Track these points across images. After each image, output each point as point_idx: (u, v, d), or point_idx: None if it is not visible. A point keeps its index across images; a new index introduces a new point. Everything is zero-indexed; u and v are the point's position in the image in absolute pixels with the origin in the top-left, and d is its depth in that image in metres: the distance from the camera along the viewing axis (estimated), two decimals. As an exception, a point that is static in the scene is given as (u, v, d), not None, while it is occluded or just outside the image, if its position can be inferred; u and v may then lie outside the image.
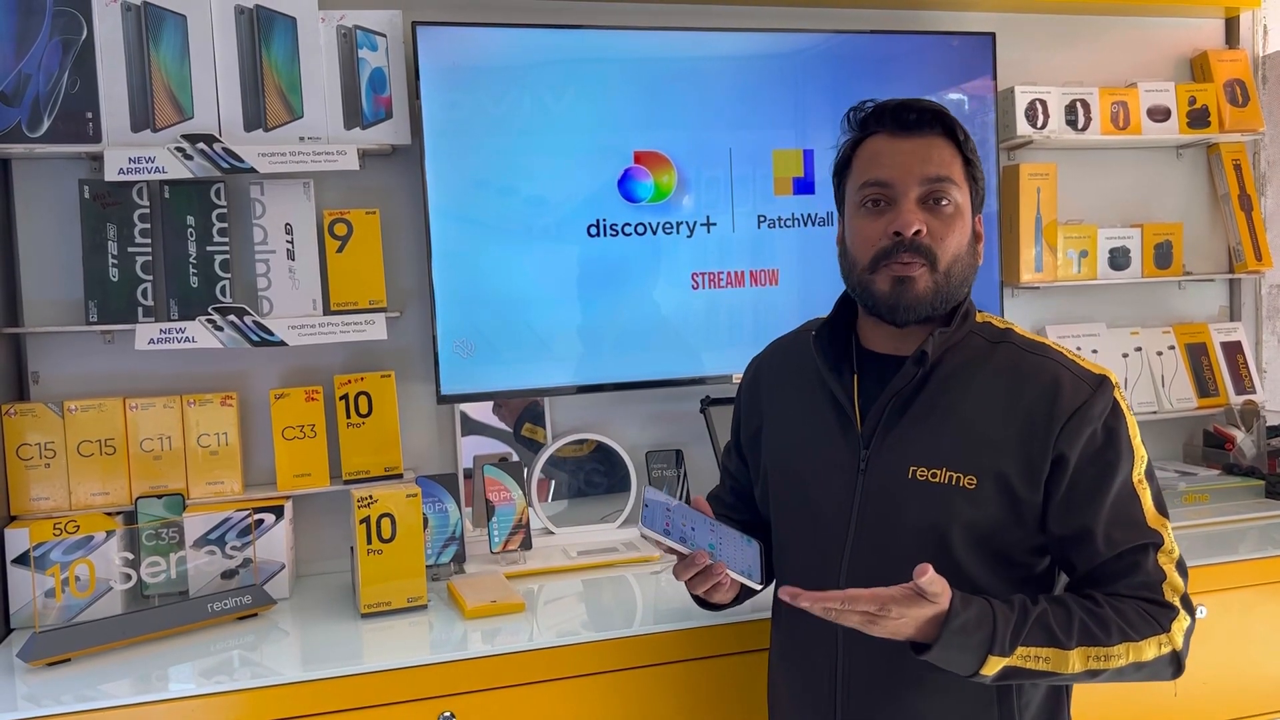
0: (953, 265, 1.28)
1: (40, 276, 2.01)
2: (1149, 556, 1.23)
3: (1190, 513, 2.28)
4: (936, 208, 1.27)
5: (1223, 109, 2.58)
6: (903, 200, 1.26)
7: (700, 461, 2.31)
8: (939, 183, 1.27)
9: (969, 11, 2.49)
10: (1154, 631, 1.20)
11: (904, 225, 1.25)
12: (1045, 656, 1.17)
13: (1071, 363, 1.28)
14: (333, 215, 2.06)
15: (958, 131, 1.30)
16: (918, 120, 1.28)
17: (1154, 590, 1.22)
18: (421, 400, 2.20)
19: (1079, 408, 1.23)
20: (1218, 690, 2.02)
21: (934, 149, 1.28)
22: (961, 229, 1.29)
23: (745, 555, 1.33)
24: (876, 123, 1.31)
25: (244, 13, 2.00)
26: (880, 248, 1.27)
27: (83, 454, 1.95)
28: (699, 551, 1.27)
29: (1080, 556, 1.25)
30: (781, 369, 1.48)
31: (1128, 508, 1.24)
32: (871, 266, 1.28)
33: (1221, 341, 2.66)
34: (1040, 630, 1.18)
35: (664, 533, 1.27)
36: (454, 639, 1.72)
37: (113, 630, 1.72)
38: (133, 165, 1.90)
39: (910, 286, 1.26)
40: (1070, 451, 1.23)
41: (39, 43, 1.90)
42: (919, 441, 1.27)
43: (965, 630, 1.15)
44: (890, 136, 1.29)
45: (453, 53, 2.06)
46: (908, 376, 1.28)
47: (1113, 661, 1.18)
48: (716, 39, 2.21)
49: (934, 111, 1.29)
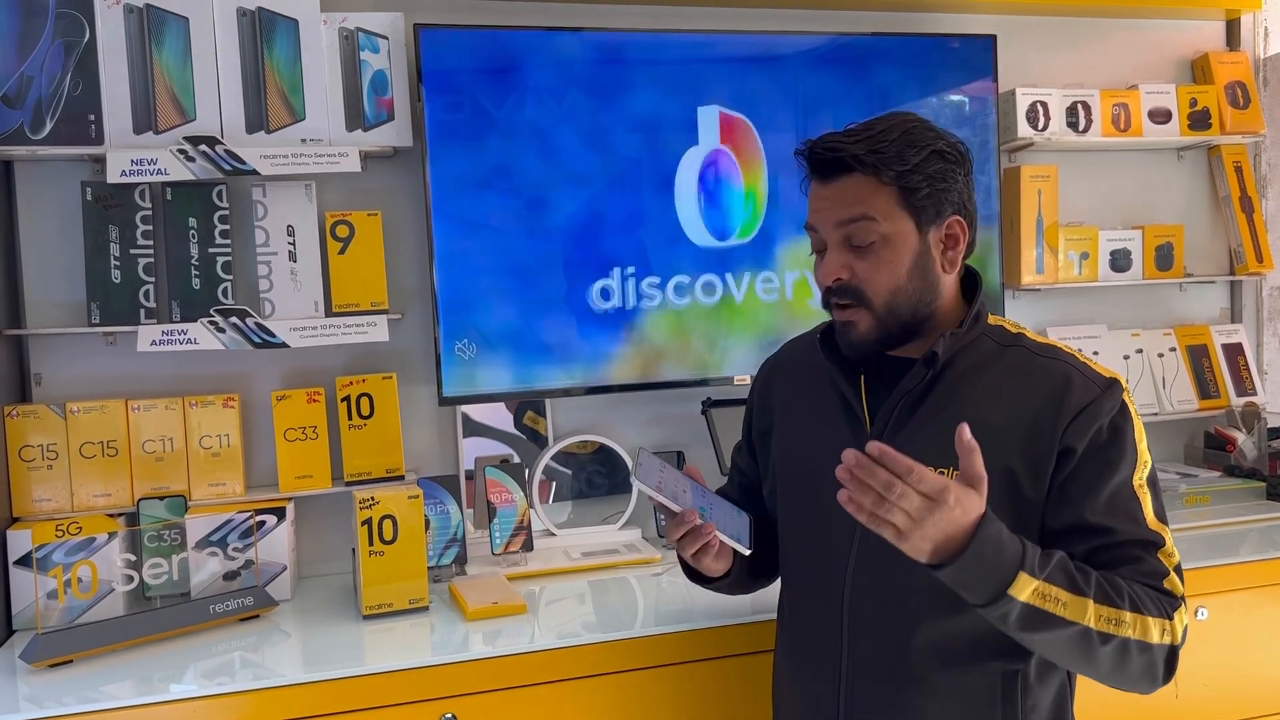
0: (893, 298, 1.27)
1: (42, 278, 2.02)
2: (1151, 552, 1.21)
3: (1191, 515, 2.28)
4: (859, 247, 1.27)
5: (1224, 111, 2.59)
6: (829, 249, 1.29)
7: (701, 463, 2.29)
8: (853, 224, 1.26)
9: (970, 14, 2.49)
10: (1160, 614, 1.17)
11: (822, 277, 1.30)
12: (1065, 601, 1.12)
13: (1082, 364, 1.28)
14: (334, 217, 2.06)
15: (874, 165, 1.24)
16: (825, 166, 1.28)
17: (1157, 580, 1.20)
18: (423, 402, 2.20)
19: (1087, 405, 1.23)
20: (1219, 692, 2.02)
21: (848, 190, 1.26)
22: (892, 260, 1.26)
23: (735, 523, 1.37)
24: (808, 166, 1.31)
25: (246, 15, 2.00)
26: (822, 291, 1.32)
27: (85, 455, 1.95)
28: (689, 510, 1.30)
29: (1078, 546, 1.22)
30: (794, 368, 1.49)
31: (1127, 506, 1.23)
32: (825, 305, 1.33)
33: (1222, 343, 2.66)
34: (1061, 572, 1.14)
35: (656, 488, 1.30)
36: (455, 640, 1.72)
37: (115, 632, 1.72)
38: (135, 167, 1.91)
39: (851, 330, 1.29)
40: (1077, 444, 1.22)
41: (41, 45, 1.90)
42: (928, 442, 1.27)
43: (999, 540, 1.10)
44: (815, 182, 1.31)
45: (454, 55, 2.07)
46: (917, 378, 1.28)
47: (1123, 629, 1.14)
48: (716, 41, 2.22)
49: (839, 157, 1.26)
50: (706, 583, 1.47)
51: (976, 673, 1.26)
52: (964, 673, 1.26)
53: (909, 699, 1.28)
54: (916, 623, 1.26)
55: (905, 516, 1.07)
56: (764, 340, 2.25)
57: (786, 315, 2.28)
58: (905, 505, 1.07)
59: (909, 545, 1.10)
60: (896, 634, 1.28)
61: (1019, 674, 1.26)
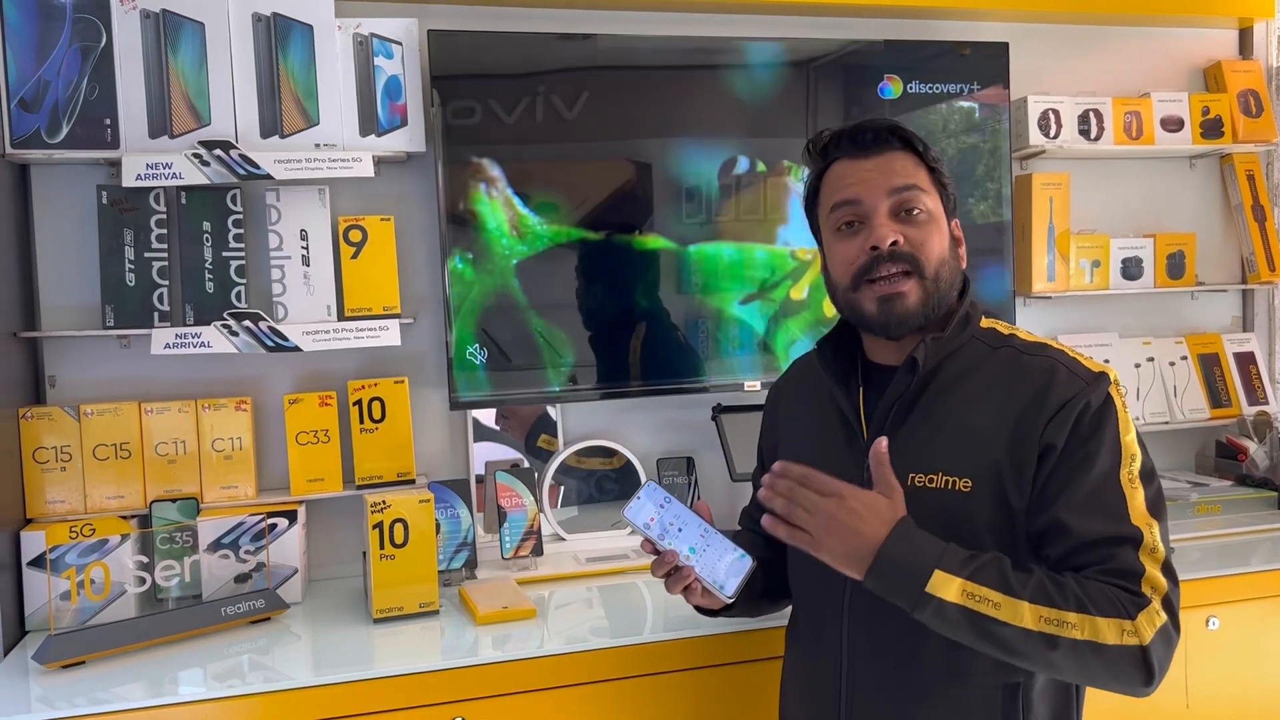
0: (940, 269, 1.30)
1: (57, 281, 2.03)
2: (1126, 550, 1.17)
3: (1202, 524, 2.27)
4: (910, 217, 1.29)
5: (1236, 119, 2.58)
6: (874, 216, 1.29)
7: (711, 469, 2.31)
8: (907, 191, 1.29)
9: (983, 21, 2.49)
10: (1117, 613, 1.13)
11: (879, 239, 1.28)
12: (996, 602, 1.12)
13: (1070, 359, 1.27)
14: (348, 222, 2.07)
15: (915, 143, 1.32)
16: (874, 139, 1.31)
17: (1129, 579, 1.16)
18: (434, 406, 2.21)
19: (1069, 399, 1.22)
20: (1229, 702, 2.01)
21: (895, 162, 1.30)
22: (939, 234, 1.31)
23: (726, 566, 1.30)
24: (836, 148, 1.34)
25: (261, 20, 2.01)
26: (859, 265, 1.30)
27: (98, 457, 1.96)
28: (669, 550, 1.29)
29: (1054, 542, 1.20)
30: (797, 387, 1.52)
31: (1107, 500, 1.19)
32: (854, 285, 1.31)
33: (1234, 352, 2.65)
34: (993, 572, 1.14)
35: (644, 526, 1.30)
36: (465, 644, 1.72)
37: (127, 633, 1.73)
38: (150, 171, 1.92)
39: (900, 302, 1.28)
40: (1057, 440, 1.21)
41: (58, 49, 1.92)
42: (917, 448, 1.27)
43: (911, 540, 1.15)
44: (851, 159, 1.32)
45: (468, 61, 2.08)
46: (902, 385, 1.29)
47: (1068, 630, 1.12)
48: (728, 48, 2.22)
49: (888, 128, 1.32)
50: (709, 613, 1.46)
51: (976, 686, 1.25)
52: (964, 686, 1.25)
53: (910, 713, 1.28)
54: (917, 637, 1.24)
55: (806, 515, 1.17)
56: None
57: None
58: (805, 504, 1.17)
59: (827, 553, 1.17)
60: (897, 648, 1.27)
61: (1019, 687, 1.25)
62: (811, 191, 1.39)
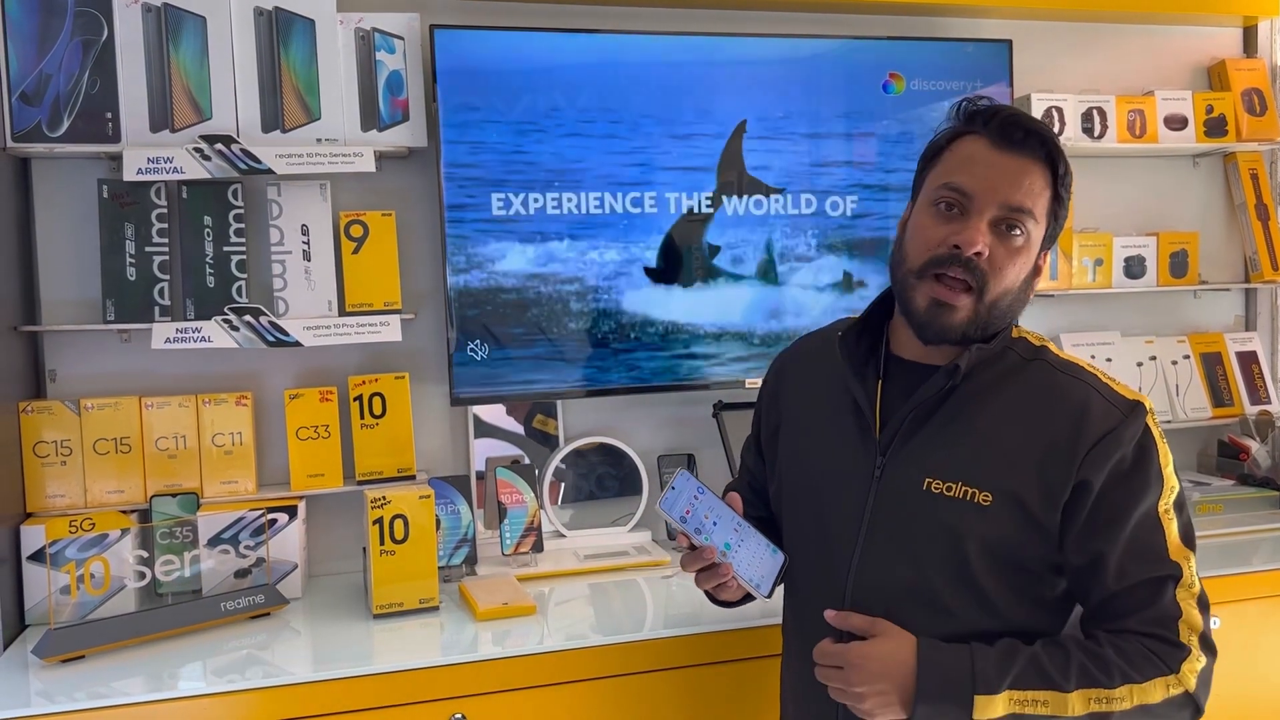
0: (1001, 298, 1.23)
1: (58, 275, 2.03)
2: (1166, 591, 1.18)
3: (1204, 523, 2.27)
4: (1007, 235, 1.22)
5: (1240, 118, 2.57)
6: (974, 216, 1.21)
7: (712, 466, 2.30)
8: (1017, 213, 1.21)
9: (986, 19, 2.48)
10: (1159, 673, 1.16)
11: (966, 242, 1.21)
12: (1044, 700, 1.15)
13: (1104, 386, 1.24)
14: (349, 217, 2.07)
15: (1058, 163, 1.24)
16: (1023, 140, 1.22)
17: (1167, 627, 1.18)
18: (435, 402, 2.21)
19: (1107, 433, 1.19)
20: (1232, 702, 2.00)
21: (1027, 175, 1.22)
22: (1024, 263, 1.24)
23: (762, 563, 1.31)
24: (983, 124, 1.24)
25: (263, 14, 2.01)
26: (935, 255, 1.23)
27: (98, 452, 1.96)
28: (708, 546, 1.26)
29: (1093, 586, 1.21)
30: (806, 367, 1.45)
31: (1149, 538, 1.20)
32: (920, 271, 1.24)
33: (1237, 351, 2.64)
34: (1034, 672, 1.15)
35: (680, 519, 1.26)
36: (465, 641, 1.72)
37: (126, 628, 1.73)
38: (151, 165, 1.91)
39: (949, 314, 1.23)
40: (1095, 477, 1.19)
41: (60, 43, 1.92)
42: (937, 453, 1.25)
43: (941, 665, 1.16)
44: (990, 145, 1.23)
45: (470, 56, 2.07)
46: (935, 388, 1.25)
47: (1116, 704, 1.15)
48: (729, 44, 2.21)
49: (1041, 136, 1.23)
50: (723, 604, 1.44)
51: None
52: None
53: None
54: (920, 626, 1.24)
55: (837, 690, 1.23)
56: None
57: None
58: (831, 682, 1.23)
59: (868, 707, 1.20)
60: None
61: None
62: (935, 150, 1.29)
